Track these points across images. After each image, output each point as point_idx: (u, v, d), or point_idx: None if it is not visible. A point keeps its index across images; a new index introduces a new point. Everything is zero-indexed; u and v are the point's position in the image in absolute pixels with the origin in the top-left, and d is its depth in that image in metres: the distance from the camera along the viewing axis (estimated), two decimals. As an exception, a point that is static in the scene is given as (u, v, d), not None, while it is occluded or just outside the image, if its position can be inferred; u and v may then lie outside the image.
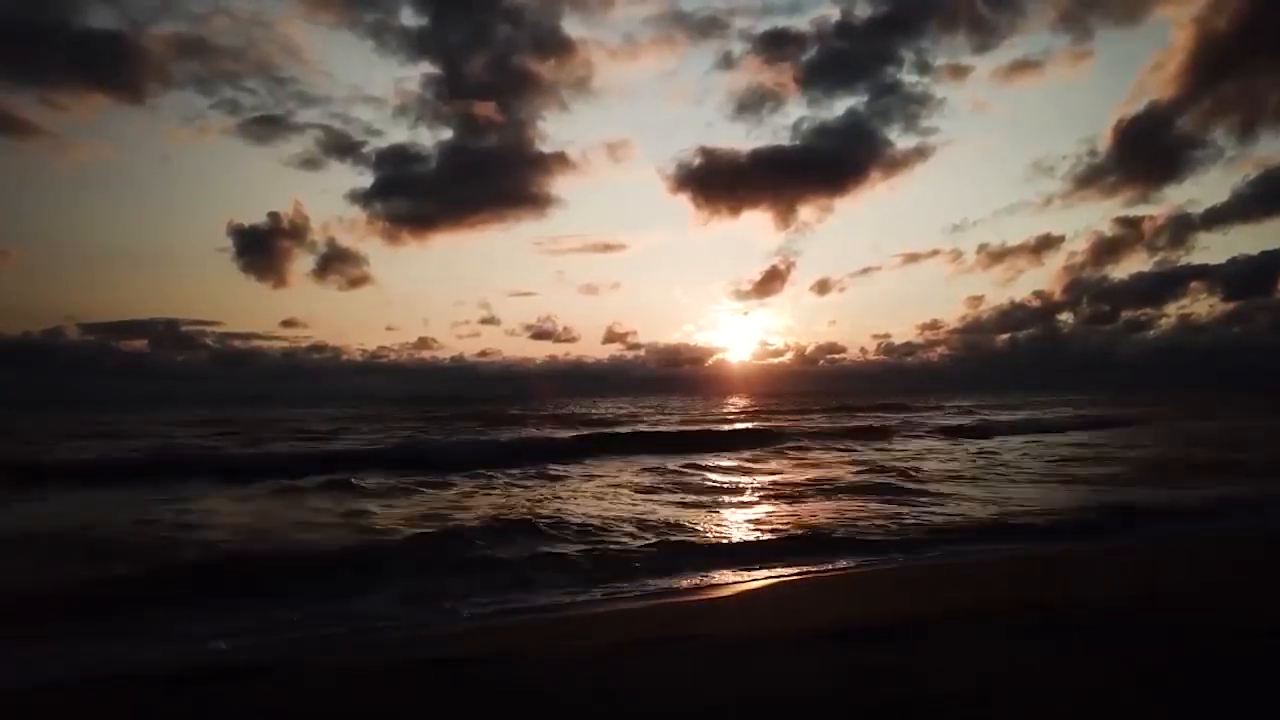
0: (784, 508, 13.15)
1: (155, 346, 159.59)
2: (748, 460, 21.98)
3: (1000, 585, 7.55)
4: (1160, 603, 6.02)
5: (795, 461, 21.79)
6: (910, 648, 4.92)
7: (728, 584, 8.06)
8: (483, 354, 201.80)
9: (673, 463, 20.21)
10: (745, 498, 14.55)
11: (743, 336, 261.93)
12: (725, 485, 16.28)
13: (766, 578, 8.30)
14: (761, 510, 13.02)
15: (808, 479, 16.93)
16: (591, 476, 17.79)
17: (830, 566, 8.77)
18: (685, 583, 8.08)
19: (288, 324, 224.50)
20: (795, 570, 8.60)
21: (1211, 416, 40.28)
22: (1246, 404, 54.06)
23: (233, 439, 30.64)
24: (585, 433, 30.83)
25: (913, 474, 17.51)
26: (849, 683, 4.29)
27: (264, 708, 4.44)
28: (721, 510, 13.01)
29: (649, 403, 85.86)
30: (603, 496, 14.47)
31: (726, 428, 36.54)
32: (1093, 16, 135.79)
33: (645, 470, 18.85)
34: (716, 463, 20.97)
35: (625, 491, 15.12)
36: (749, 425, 38.67)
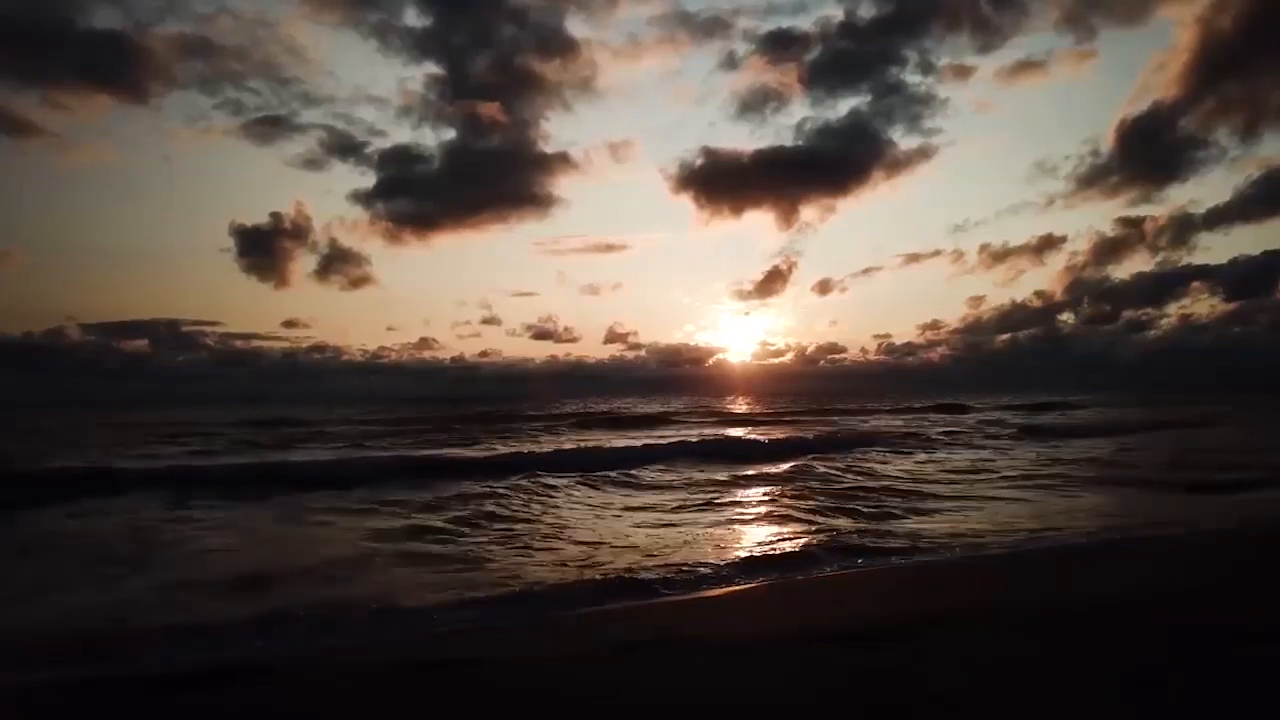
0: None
1: (156, 347, 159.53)
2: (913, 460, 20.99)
3: (1000, 585, 7.56)
4: (1160, 603, 6.02)
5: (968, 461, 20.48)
6: (910, 648, 4.92)
7: (727, 584, 8.06)
8: (483, 354, 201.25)
9: (824, 465, 18.87)
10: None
11: (743, 337, 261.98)
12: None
13: (766, 578, 8.30)
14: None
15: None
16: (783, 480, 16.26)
17: (830, 567, 8.77)
18: (685, 585, 8.08)
19: (289, 324, 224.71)
20: (795, 572, 8.60)
21: (1235, 417, 39.73)
22: (1256, 404, 53.82)
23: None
24: (681, 437, 28.86)
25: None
26: (849, 683, 4.30)
27: (264, 708, 4.45)
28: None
29: (673, 404, 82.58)
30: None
31: (813, 434, 31.74)
32: (1096, 16, 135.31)
33: (796, 469, 17.93)
34: (900, 464, 19.64)
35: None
36: (838, 428, 35.65)
